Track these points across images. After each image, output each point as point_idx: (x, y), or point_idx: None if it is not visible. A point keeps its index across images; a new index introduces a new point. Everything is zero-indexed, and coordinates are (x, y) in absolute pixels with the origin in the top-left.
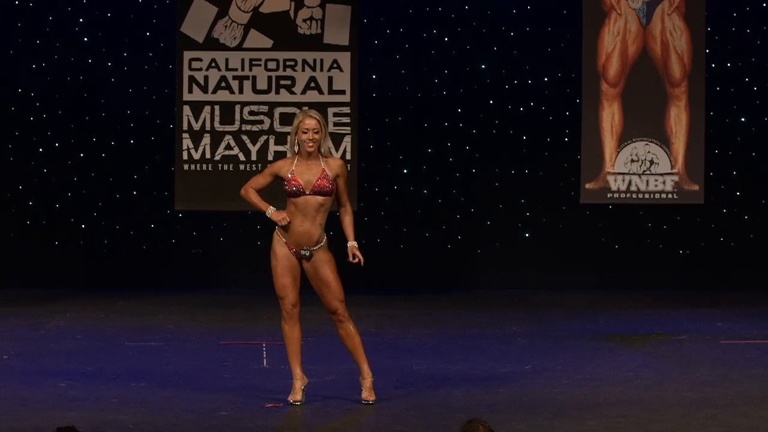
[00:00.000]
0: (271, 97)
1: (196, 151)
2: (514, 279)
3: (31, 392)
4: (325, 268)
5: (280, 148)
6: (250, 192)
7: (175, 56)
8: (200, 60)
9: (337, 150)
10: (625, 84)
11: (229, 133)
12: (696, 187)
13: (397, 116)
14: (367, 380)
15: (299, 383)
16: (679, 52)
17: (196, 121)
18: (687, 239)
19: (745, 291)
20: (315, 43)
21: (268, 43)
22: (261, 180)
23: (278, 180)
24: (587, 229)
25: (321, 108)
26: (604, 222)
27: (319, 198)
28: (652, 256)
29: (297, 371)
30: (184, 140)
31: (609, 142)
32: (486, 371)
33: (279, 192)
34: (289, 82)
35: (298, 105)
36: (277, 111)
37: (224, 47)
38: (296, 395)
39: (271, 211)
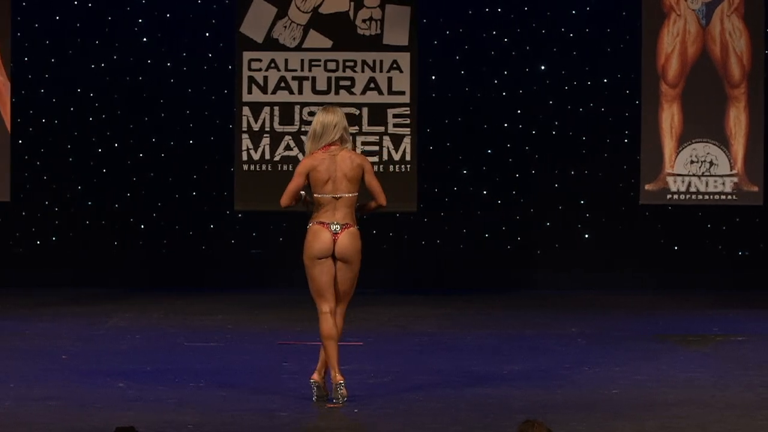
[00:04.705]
0: (331, 97)
1: (256, 151)
2: (574, 279)
3: (90, 392)
4: None
5: None
6: None
7: (235, 57)
8: (260, 60)
9: (396, 151)
10: (684, 85)
11: (288, 133)
12: (755, 189)
13: (457, 117)
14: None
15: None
16: (739, 53)
17: (256, 122)
18: (746, 240)
19: None
20: (374, 43)
21: (328, 43)
22: None
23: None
24: (646, 230)
25: (380, 109)
26: (664, 223)
27: None
28: (711, 257)
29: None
30: (243, 141)
31: (669, 143)
32: (545, 372)
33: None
34: (348, 83)
35: (358, 105)
36: None
37: (284, 48)
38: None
39: None
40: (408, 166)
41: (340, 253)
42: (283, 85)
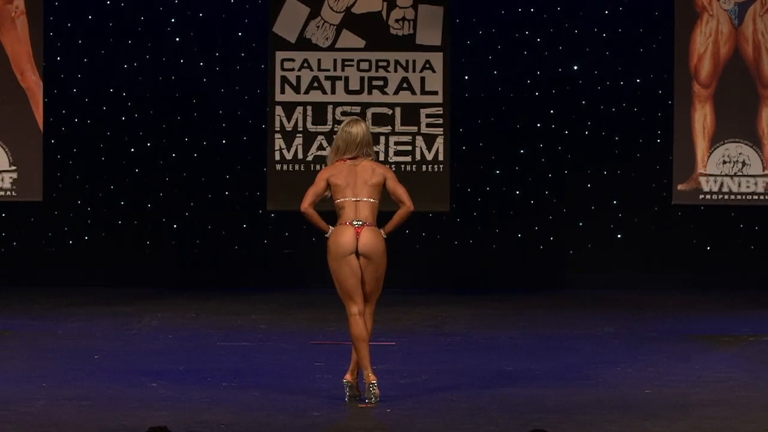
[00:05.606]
0: (364, 97)
1: (289, 151)
2: (606, 279)
3: (122, 392)
4: None
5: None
6: None
7: (268, 56)
8: (292, 60)
9: (429, 151)
10: (717, 85)
11: (321, 133)
12: None
13: (489, 117)
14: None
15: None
16: None
17: (289, 122)
18: None
19: None
20: (407, 43)
21: (361, 43)
22: None
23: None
24: (679, 230)
25: (413, 109)
26: (696, 223)
27: None
28: (744, 257)
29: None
30: (276, 140)
31: (701, 144)
32: (577, 371)
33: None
34: (381, 83)
35: (391, 105)
36: (370, 111)
37: (316, 47)
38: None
39: None
40: (440, 166)
41: (363, 247)
42: (315, 84)
